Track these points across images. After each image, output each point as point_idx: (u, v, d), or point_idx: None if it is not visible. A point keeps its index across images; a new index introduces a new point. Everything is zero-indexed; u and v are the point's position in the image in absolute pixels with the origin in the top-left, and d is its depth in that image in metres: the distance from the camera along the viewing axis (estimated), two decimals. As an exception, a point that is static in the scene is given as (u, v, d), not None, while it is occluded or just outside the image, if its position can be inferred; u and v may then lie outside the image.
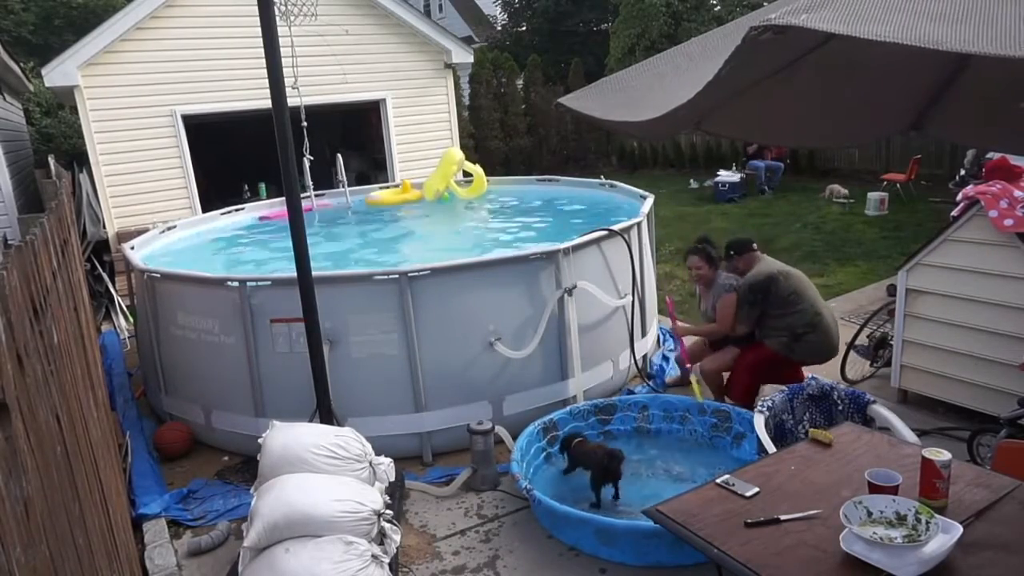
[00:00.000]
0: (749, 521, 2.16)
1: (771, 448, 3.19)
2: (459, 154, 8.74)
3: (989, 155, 7.35)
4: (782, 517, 2.16)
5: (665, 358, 5.63)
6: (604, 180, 7.82)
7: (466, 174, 8.78)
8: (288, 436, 3.40)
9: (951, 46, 1.72)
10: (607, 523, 3.36)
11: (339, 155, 8.57)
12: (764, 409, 3.62)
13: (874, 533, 1.92)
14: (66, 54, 7.98)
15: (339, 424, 3.95)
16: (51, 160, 10.44)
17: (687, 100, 2.26)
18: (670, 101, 2.38)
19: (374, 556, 3.00)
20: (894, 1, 1.96)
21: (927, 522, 1.93)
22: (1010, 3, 1.82)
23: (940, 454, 2.15)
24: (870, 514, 2.01)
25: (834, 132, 3.68)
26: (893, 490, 2.10)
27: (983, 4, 1.86)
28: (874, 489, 2.13)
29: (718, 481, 2.43)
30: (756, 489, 2.34)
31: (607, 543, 3.34)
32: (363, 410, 4.30)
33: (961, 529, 1.91)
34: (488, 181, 8.70)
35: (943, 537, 1.89)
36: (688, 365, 4.87)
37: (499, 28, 25.60)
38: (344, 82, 9.61)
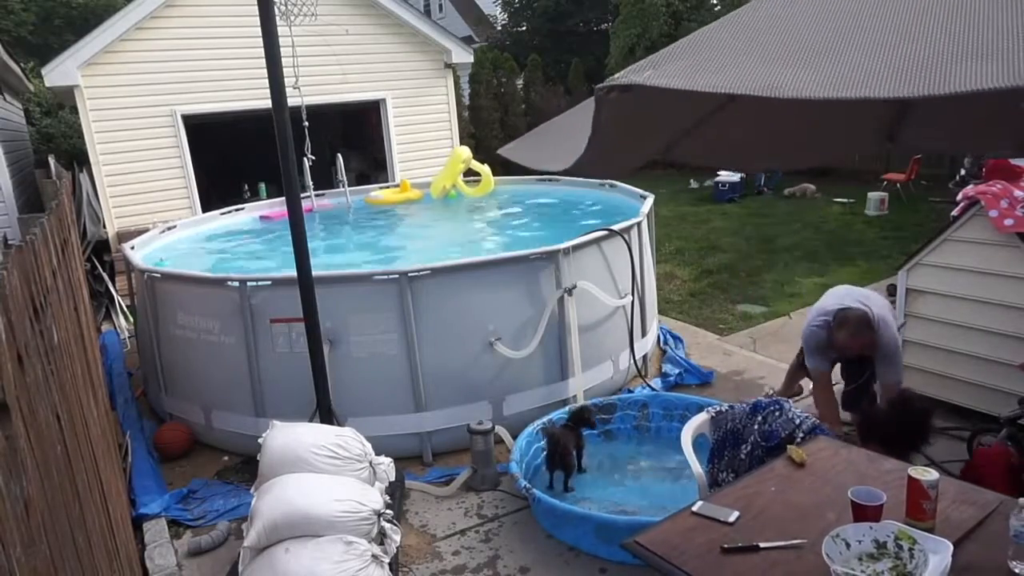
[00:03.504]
0: (726, 546, 2.09)
1: (696, 468, 3.00)
2: (467, 152, 8.74)
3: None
4: (761, 544, 2.09)
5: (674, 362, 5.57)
6: (604, 180, 7.80)
7: (471, 173, 8.78)
8: (288, 436, 3.40)
9: (791, 93, 1.69)
10: (608, 521, 3.37)
11: (339, 155, 8.58)
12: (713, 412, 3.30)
13: (862, 572, 1.86)
14: (66, 54, 7.98)
15: (339, 424, 3.95)
16: (51, 160, 10.45)
17: (584, 152, 2.30)
18: (577, 150, 2.39)
19: (374, 556, 3.00)
20: (747, 45, 1.94)
21: (909, 549, 1.87)
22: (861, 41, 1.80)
23: (927, 473, 2.08)
24: (849, 546, 1.94)
25: (802, 155, 3.63)
26: (877, 510, 2.04)
27: (834, 45, 1.83)
28: (857, 509, 2.07)
29: (694, 510, 2.32)
30: (737, 514, 2.25)
31: (607, 542, 3.34)
32: (363, 410, 4.30)
33: (951, 545, 1.85)
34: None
35: (935, 559, 1.82)
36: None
37: (499, 28, 25.60)
38: (344, 82, 9.61)
